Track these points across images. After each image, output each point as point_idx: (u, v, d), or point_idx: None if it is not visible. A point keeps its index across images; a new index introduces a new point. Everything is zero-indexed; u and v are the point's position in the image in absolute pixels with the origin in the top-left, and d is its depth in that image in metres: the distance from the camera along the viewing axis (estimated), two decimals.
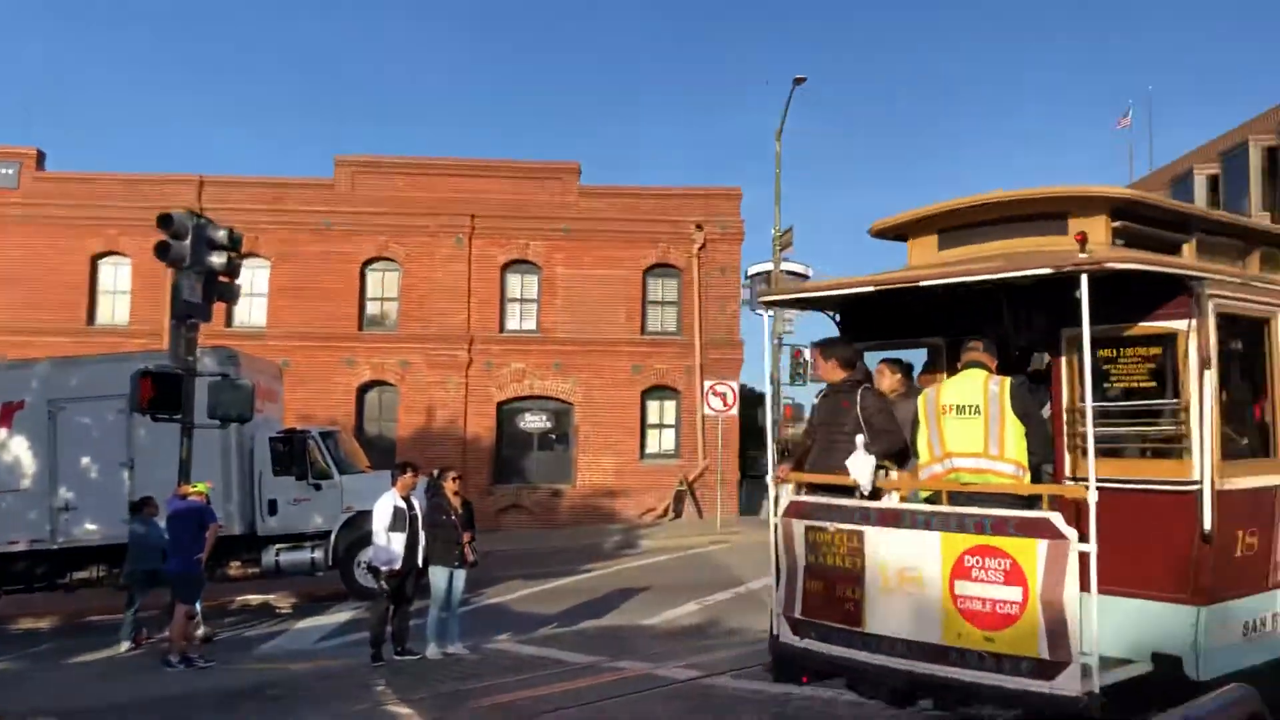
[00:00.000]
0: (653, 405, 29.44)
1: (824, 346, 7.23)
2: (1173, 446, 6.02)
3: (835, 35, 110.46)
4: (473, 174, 29.62)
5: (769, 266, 30.90)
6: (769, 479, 7.21)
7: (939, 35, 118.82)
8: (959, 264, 6.59)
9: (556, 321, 29.16)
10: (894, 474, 6.62)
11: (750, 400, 32.73)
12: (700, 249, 29.46)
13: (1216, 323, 5.94)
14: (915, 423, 6.44)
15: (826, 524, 6.44)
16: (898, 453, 6.61)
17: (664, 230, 29.56)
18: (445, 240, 28.99)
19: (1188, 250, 6.75)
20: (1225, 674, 5.74)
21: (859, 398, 6.68)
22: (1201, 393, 5.78)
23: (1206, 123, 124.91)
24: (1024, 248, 6.58)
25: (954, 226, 7.18)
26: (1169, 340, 6.00)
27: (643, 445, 29.20)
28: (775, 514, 6.85)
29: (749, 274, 32.34)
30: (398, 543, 11.15)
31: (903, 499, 6.47)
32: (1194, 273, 5.99)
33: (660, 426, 29.52)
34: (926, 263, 7.19)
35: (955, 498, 6.02)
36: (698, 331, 29.23)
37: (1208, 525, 5.75)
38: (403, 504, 11.29)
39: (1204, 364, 5.82)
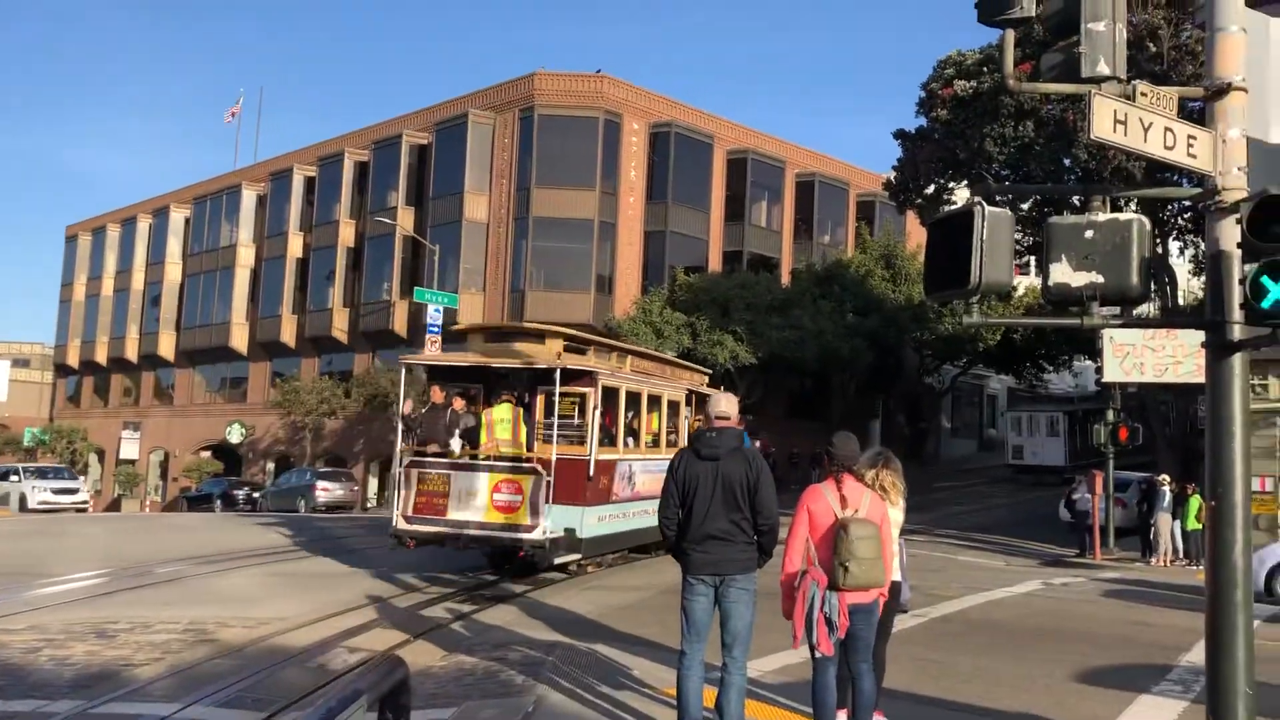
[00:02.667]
0: None
1: (440, 384, 14.97)
2: (581, 439, 13.90)
3: None
4: None
5: None
6: (398, 450, 14.54)
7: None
8: (499, 354, 14.39)
9: None
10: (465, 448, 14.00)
11: None
12: None
13: (601, 390, 13.99)
14: (479, 425, 13.98)
15: (431, 470, 13.71)
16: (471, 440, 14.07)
17: None
18: None
19: (591, 353, 14.81)
20: (591, 535, 13.74)
21: (448, 414, 14.30)
22: (593, 419, 13.71)
23: (308, 126, 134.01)
24: (525, 349, 14.35)
25: (494, 332, 15.83)
26: (583, 396, 13.99)
27: None
28: (399, 465, 14.11)
29: None
30: None
31: (471, 459, 13.78)
32: (594, 369, 14.07)
33: None
34: (481, 349, 14.93)
35: (498, 459, 13.57)
36: None
37: (591, 473, 13.52)
38: None
39: (595, 408, 13.73)
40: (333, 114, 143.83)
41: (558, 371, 13.19)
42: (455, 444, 13.85)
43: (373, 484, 44.80)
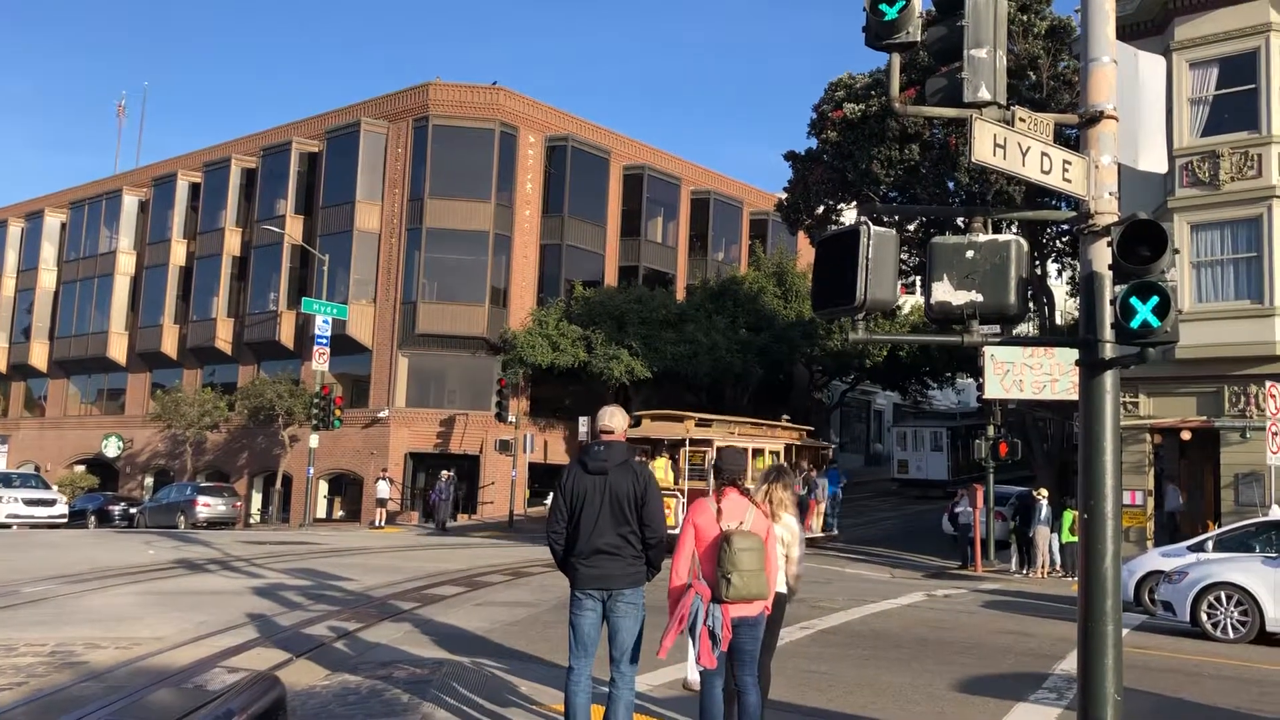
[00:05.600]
0: None
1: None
2: (705, 477, 23.37)
3: None
4: None
5: None
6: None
7: None
8: (658, 430, 25.50)
9: None
10: None
11: None
12: None
13: (715, 448, 20.92)
14: None
15: None
16: None
17: None
18: None
19: (713, 426, 26.09)
20: None
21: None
22: (711, 465, 21.17)
23: (193, 133, 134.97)
24: (672, 426, 25.34)
25: (653, 417, 26.30)
26: (705, 452, 24.02)
27: None
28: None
29: None
30: None
31: None
32: (711, 436, 24.66)
33: None
34: (647, 427, 25.56)
35: None
36: None
37: None
38: None
39: (712, 459, 21.53)
40: (219, 121, 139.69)
41: (687, 439, 24.31)
42: None
43: (256, 499, 43.62)
